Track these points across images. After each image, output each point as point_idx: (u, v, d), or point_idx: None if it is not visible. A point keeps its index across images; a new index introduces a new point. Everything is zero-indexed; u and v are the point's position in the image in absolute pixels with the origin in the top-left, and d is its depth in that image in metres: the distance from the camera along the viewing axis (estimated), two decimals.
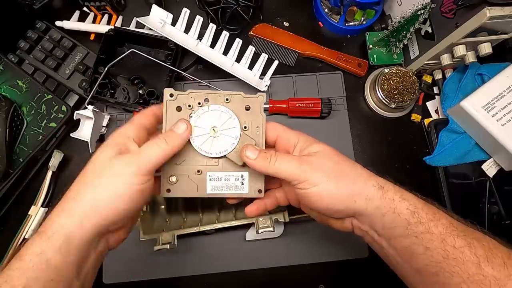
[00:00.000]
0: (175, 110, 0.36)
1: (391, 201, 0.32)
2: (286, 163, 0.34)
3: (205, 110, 0.36)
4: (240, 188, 0.37)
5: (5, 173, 0.48)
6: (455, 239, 0.30)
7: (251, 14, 0.57)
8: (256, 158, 0.34)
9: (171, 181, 0.36)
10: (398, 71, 0.55)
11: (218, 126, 0.36)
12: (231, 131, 0.36)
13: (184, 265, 0.51)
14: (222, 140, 0.36)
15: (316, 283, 0.52)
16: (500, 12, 0.42)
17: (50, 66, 0.55)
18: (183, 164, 0.36)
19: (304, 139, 0.36)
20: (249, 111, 0.37)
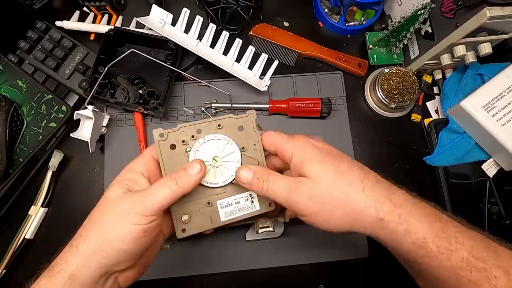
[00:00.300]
0: (169, 149, 0.35)
1: (392, 233, 0.30)
2: (277, 189, 0.33)
3: (201, 142, 0.36)
4: (252, 207, 0.37)
5: (5, 173, 0.48)
6: (472, 272, 0.28)
7: (251, 14, 0.57)
8: (251, 184, 0.34)
9: (183, 220, 0.35)
10: (398, 71, 0.55)
11: (218, 154, 0.36)
12: (231, 156, 0.36)
13: (184, 265, 0.51)
14: (225, 167, 0.36)
15: (316, 283, 0.52)
16: (500, 12, 0.42)
17: (50, 66, 0.55)
18: (192, 201, 0.36)
19: (298, 153, 0.34)
20: (243, 131, 0.37)
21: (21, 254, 0.50)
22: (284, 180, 0.33)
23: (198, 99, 0.57)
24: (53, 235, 0.52)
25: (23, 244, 0.50)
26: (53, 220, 0.52)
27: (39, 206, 0.51)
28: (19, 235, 0.50)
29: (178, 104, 0.56)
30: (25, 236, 0.50)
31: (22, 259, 0.50)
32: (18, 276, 0.50)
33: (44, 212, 0.52)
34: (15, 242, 0.49)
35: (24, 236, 0.50)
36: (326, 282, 0.52)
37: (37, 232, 0.51)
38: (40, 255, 0.51)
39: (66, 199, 0.53)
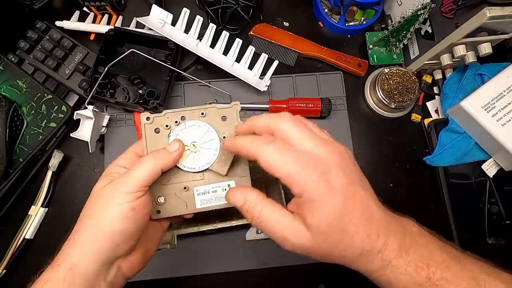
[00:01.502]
0: (153, 132, 0.36)
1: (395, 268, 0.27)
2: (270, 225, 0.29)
3: (182, 127, 0.36)
4: (218, 198, 0.37)
5: (5, 173, 0.48)
6: None
7: (251, 14, 0.57)
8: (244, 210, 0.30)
9: (159, 202, 0.36)
10: (398, 71, 0.55)
11: (198, 140, 0.36)
12: (210, 143, 0.36)
13: (184, 265, 0.51)
14: (203, 153, 0.36)
15: (316, 283, 0.52)
16: (500, 12, 0.42)
17: (50, 66, 0.55)
18: (169, 183, 0.36)
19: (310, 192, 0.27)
20: (226, 121, 0.37)
21: (21, 254, 0.50)
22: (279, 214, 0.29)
23: (198, 99, 0.57)
24: (53, 235, 0.52)
25: (23, 244, 0.50)
26: (53, 220, 0.52)
27: (39, 206, 0.51)
28: (19, 235, 0.50)
29: (178, 104, 0.56)
30: (25, 236, 0.50)
31: (22, 259, 0.50)
32: (18, 276, 0.50)
33: (44, 212, 0.52)
34: (15, 242, 0.49)
35: (24, 236, 0.50)
36: (326, 282, 0.52)
37: (37, 232, 0.51)
38: (40, 255, 0.51)
39: (66, 199, 0.53)
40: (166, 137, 0.36)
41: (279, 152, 0.28)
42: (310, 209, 0.27)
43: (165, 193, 0.36)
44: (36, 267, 0.31)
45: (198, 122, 0.36)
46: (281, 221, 0.29)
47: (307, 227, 0.27)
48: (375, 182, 0.58)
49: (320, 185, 0.27)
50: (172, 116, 0.37)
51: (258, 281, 0.51)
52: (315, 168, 0.27)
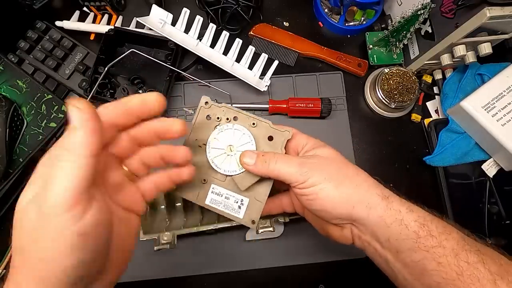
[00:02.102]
0: (204, 118, 0.37)
1: (397, 212, 0.31)
2: (287, 166, 0.33)
3: (229, 127, 0.37)
4: (236, 211, 0.37)
5: (5, 173, 0.48)
6: (468, 255, 0.29)
7: (251, 14, 0.57)
8: (255, 163, 0.34)
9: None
10: (398, 71, 0.55)
11: (235, 146, 0.37)
12: None
13: (184, 265, 0.51)
14: (234, 160, 0.37)
15: (316, 283, 0.52)
16: (500, 12, 0.42)
17: (50, 66, 0.55)
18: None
19: (313, 142, 0.36)
20: (271, 142, 0.37)
21: None
22: (293, 158, 0.34)
23: (198, 99, 0.56)
24: None
25: None
26: None
27: None
28: None
29: (178, 104, 0.56)
30: None
31: None
32: None
33: None
34: None
35: None
36: (326, 282, 0.52)
37: None
38: None
39: None
40: (213, 128, 0.37)
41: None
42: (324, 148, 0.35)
43: None
44: None
45: (245, 130, 0.37)
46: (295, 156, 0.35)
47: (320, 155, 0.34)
48: None
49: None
50: (227, 111, 0.37)
51: (258, 281, 0.51)
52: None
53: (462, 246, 0.29)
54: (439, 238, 0.29)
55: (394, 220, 0.31)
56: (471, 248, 0.29)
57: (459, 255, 0.29)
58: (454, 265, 0.28)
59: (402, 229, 0.30)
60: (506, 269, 0.29)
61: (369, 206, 0.31)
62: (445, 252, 0.29)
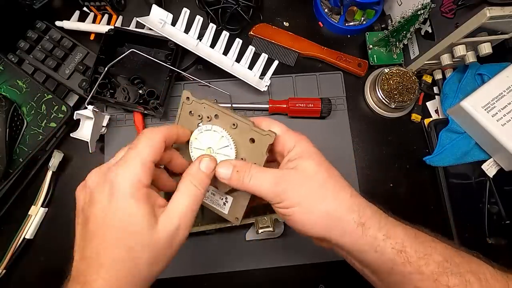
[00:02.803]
0: (187, 114, 0.36)
1: (372, 239, 0.30)
2: (261, 183, 0.31)
3: (208, 128, 0.35)
4: (222, 207, 0.37)
5: (5, 173, 0.48)
6: (449, 278, 0.28)
7: (251, 14, 0.57)
8: (230, 177, 0.32)
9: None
10: (398, 71, 0.55)
11: (215, 149, 0.35)
12: (224, 159, 0.35)
13: (184, 265, 0.51)
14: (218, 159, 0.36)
15: (316, 283, 0.52)
16: (500, 12, 0.42)
17: (50, 66, 0.55)
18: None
19: (298, 149, 0.33)
20: (253, 145, 0.34)
21: (21, 254, 0.50)
22: (271, 171, 0.32)
23: None
24: (53, 235, 0.52)
25: (23, 244, 0.50)
26: (53, 220, 0.52)
27: (39, 206, 0.51)
28: (19, 235, 0.50)
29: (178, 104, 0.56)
30: (25, 236, 0.50)
31: (22, 259, 0.50)
32: (18, 276, 0.50)
33: (44, 212, 0.52)
34: (15, 242, 0.49)
35: (24, 236, 0.50)
36: (326, 282, 0.52)
37: (37, 232, 0.51)
38: (40, 255, 0.51)
39: (66, 199, 0.53)
40: (195, 125, 0.36)
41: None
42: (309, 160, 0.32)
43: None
44: (36, 267, 0.31)
45: (223, 133, 0.34)
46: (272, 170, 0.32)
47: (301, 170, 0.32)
48: (375, 182, 0.59)
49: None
50: (208, 109, 0.35)
51: (258, 281, 0.51)
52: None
53: (443, 269, 0.28)
54: (418, 263, 0.29)
55: (369, 247, 0.30)
56: (453, 269, 0.29)
57: (438, 279, 0.28)
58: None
59: (377, 256, 0.30)
60: (491, 284, 0.28)
61: (344, 233, 0.30)
62: (423, 277, 0.28)
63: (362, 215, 0.30)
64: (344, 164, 0.55)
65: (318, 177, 0.31)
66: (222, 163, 0.33)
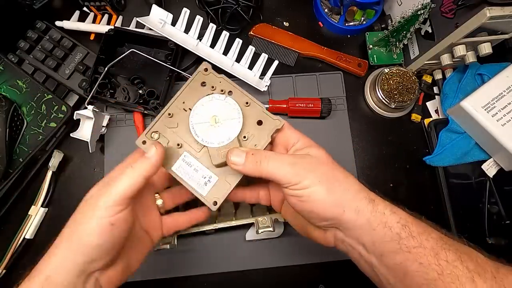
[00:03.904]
0: (199, 84, 0.37)
1: (381, 214, 0.31)
2: (279, 166, 0.32)
3: (221, 98, 0.36)
4: (201, 187, 0.35)
5: (5, 173, 0.48)
6: (447, 253, 0.29)
7: (251, 14, 0.57)
8: (245, 163, 0.33)
9: (152, 137, 0.35)
10: (398, 71, 0.55)
11: (221, 118, 0.35)
12: (229, 130, 0.35)
13: (184, 265, 0.51)
14: (216, 133, 0.35)
15: (316, 283, 0.52)
16: (500, 12, 0.42)
17: (50, 66, 0.55)
18: (172, 130, 0.36)
19: (305, 141, 0.35)
20: (260, 127, 0.35)
21: (21, 254, 0.50)
22: (285, 157, 0.33)
23: None
24: (53, 235, 0.51)
25: (23, 244, 0.50)
26: (53, 220, 0.52)
27: (39, 206, 0.51)
28: (19, 235, 0.50)
29: None
30: (25, 236, 0.50)
31: (22, 259, 0.50)
32: (18, 276, 0.50)
33: (44, 212, 0.52)
34: (15, 242, 0.49)
35: (24, 236, 0.50)
36: (326, 282, 0.52)
37: (37, 232, 0.51)
38: (40, 255, 0.51)
39: (66, 199, 0.53)
40: (204, 95, 0.36)
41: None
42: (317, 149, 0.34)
43: (162, 134, 0.36)
44: None
45: (236, 106, 0.35)
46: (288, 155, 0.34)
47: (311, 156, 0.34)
48: (375, 182, 0.59)
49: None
50: (224, 84, 0.37)
51: (258, 281, 0.51)
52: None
53: (441, 245, 0.30)
54: (420, 238, 0.30)
55: (379, 222, 0.31)
56: (449, 247, 0.30)
57: (438, 254, 0.29)
58: (434, 264, 0.29)
59: (386, 232, 0.30)
60: (482, 266, 0.29)
61: (357, 210, 0.31)
62: (426, 252, 0.29)
63: (369, 194, 0.32)
64: (344, 164, 0.53)
65: (329, 162, 0.34)
66: (234, 149, 0.34)
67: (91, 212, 0.30)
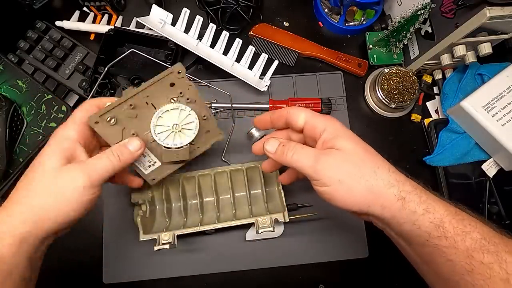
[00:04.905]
0: (168, 84, 0.37)
1: (411, 213, 0.30)
2: (303, 158, 0.33)
3: (187, 110, 0.38)
4: (144, 168, 0.41)
5: (5, 173, 0.48)
6: (484, 255, 0.29)
7: (251, 14, 0.57)
8: (276, 152, 0.35)
9: (107, 119, 0.36)
10: (398, 71, 0.55)
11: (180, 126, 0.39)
12: (183, 137, 0.39)
13: (184, 265, 0.51)
14: (172, 136, 0.39)
15: (316, 283, 0.52)
16: (500, 12, 0.42)
17: (50, 66, 0.55)
18: (130, 119, 0.37)
19: (331, 130, 0.34)
20: (207, 135, 0.43)
21: None
22: (312, 149, 0.34)
23: None
24: None
25: None
26: None
27: None
28: None
29: None
30: None
31: None
32: None
33: None
34: None
35: None
36: (326, 282, 0.52)
37: None
38: None
39: None
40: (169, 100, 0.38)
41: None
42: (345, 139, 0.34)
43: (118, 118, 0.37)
44: None
45: (196, 120, 0.39)
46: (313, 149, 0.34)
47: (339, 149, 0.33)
48: None
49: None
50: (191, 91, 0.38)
51: (258, 281, 0.51)
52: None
53: (479, 246, 0.29)
54: (454, 239, 0.29)
55: (407, 220, 0.31)
56: (490, 247, 0.29)
57: (473, 255, 0.29)
58: (465, 263, 0.29)
59: (414, 229, 0.30)
60: None
61: (383, 206, 0.31)
62: (458, 252, 0.29)
63: (402, 189, 0.31)
64: None
65: (357, 155, 0.33)
66: (270, 139, 0.36)
67: (68, 190, 0.32)
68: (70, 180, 0.32)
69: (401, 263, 0.36)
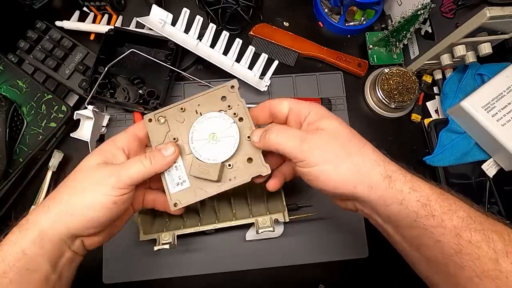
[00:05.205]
0: (220, 97, 0.38)
1: (398, 192, 0.30)
2: (286, 139, 0.33)
3: (229, 122, 0.37)
4: (172, 184, 0.36)
5: (5, 173, 0.48)
6: (472, 233, 0.28)
7: (251, 14, 0.57)
8: (259, 141, 0.34)
9: (158, 120, 0.38)
10: (398, 71, 0.55)
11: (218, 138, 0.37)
12: (218, 153, 0.36)
13: (184, 265, 0.51)
14: (207, 148, 0.37)
15: (316, 283, 0.52)
16: (500, 12, 0.42)
17: (50, 66, 0.55)
18: (177, 122, 0.38)
19: (315, 112, 0.34)
20: (247, 164, 0.36)
21: None
22: (296, 130, 0.34)
23: None
24: None
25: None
26: None
27: None
28: None
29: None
30: None
31: None
32: None
33: None
34: None
35: None
36: (326, 282, 0.52)
37: None
38: None
39: None
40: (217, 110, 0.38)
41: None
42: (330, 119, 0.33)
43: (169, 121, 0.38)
44: None
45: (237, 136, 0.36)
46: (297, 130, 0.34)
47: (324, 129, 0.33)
48: None
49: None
50: (240, 108, 0.37)
51: (258, 281, 0.51)
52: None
53: (466, 225, 0.29)
54: (441, 217, 0.29)
55: (394, 200, 0.30)
56: (476, 226, 0.29)
57: (460, 234, 0.28)
58: (453, 243, 0.28)
59: (401, 209, 0.30)
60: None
61: (370, 186, 0.31)
62: (445, 231, 0.29)
63: (388, 168, 0.31)
64: None
65: (342, 135, 0.32)
66: (255, 131, 0.36)
67: (97, 186, 0.32)
68: (100, 177, 0.32)
69: (401, 263, 0.36)
